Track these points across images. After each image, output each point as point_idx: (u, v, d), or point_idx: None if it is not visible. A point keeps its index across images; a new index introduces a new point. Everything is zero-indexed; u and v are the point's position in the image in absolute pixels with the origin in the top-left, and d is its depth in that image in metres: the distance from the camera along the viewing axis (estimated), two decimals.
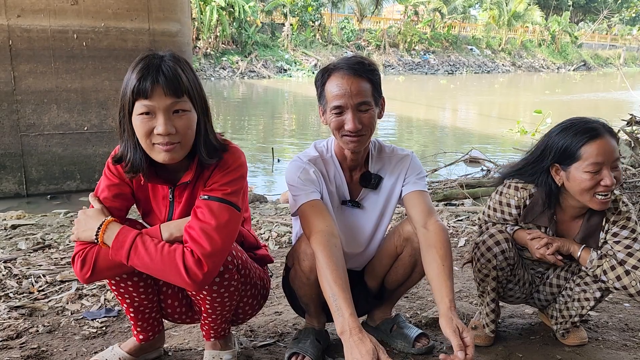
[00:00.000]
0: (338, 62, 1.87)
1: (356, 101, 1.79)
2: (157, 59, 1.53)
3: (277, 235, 4.16)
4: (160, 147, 1.54)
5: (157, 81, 1.49)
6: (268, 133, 14.57)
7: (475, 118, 17.90)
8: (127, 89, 1.51)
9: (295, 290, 2.03)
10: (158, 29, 8.00)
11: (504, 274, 2.07)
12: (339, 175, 1.98)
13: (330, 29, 34.01)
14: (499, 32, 41.35)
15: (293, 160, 1.96)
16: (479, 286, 2.15)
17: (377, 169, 2.00)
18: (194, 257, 1.55)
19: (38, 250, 3.76)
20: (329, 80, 1.84)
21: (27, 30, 7.22)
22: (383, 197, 2.01)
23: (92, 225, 1.61)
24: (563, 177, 1.93)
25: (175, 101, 1.52)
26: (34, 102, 7.43)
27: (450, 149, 10.36)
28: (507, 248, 2.03)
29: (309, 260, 1.86)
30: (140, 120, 1.52)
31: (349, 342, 1.52)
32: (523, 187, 2.03)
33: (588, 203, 1.89)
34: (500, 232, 2.05)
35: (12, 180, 7.56)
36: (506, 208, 2.06)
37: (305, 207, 1.83)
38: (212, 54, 28.31)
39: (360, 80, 1.80)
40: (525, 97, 22.40)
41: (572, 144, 1.88)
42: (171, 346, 2.17)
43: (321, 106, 1.91)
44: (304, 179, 1.88)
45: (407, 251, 1.99)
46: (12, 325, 2.42)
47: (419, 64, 35.63)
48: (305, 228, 1.82)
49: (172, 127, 1.52)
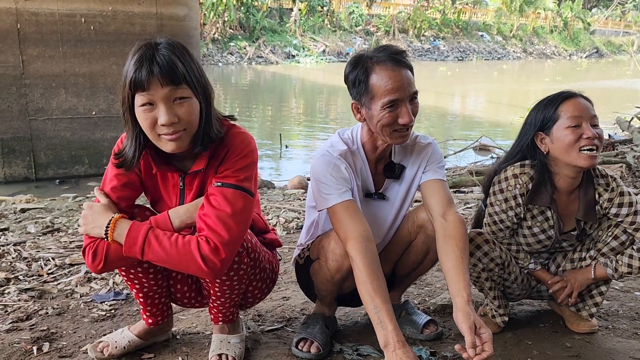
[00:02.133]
0: (375, 54, 1.77)
1: (410, 92, 1.74)
2: (152, 48, 1.49)
3: (285, 221, 4.15)
4: (166, 138, 1.52)
5: (152, 72, 1.46)
6: (276, 119, 14.52)
7: (485, 105, 17.76)
8: (126, 82, 1.49)
9: (316, 282, 2.01)
10: (166, 13, 7.96)
11: (494, 274, 2.06)
12: (364, 167, 1.93)
13: (339, 14, 33.71)
14: (510, 18, 40.80)
15: (322, 155, 1.87)
16: (476, 285, 2.14)
17: (400, 159, 1.96)
18: (210, 246, 1.53)
19: (47, 234, 3.78)
20: (373, 74, 1.73)
21: (36, 13, 7.20)
22: (405, 187, 1.98)
23: (100, 222, 1.59)
24: (548, 143, 1.94)
25: (173, 89, 1.49)
26: (42, 87, 7.44)
27: (460, 136, 10.29)
28: (489, 249, 2.01)
29: (337, 261, 1.84)
30: (142, 112, 1.50)
31: (392, 356, 1.54)
32: (521, 172, 1.99)
33: (576, 161, 1.88)
34: (479, 235, 2.02)
35: (21, 165, 7.60)
36: (512, 202, 2.00)
37: (339, 208, 1.76)
38: (219, 39, 28.17)
39: (407, 70, 1.75)
40: (535, 85, 22.14)
41: (548, 109, 1.94)
42: (179, 330, 2.18)
43: (359, 103, 1.80)
44: (337, 177, 1.80)
45: (420, 238, 1.97)
46: (22, 307, 2.44)
47: (428, 50, 35.29)
48: (339, 230, 1.76)
49: (175, 116, 1.50)
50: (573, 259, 2.15)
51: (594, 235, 2.09)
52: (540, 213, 2.03)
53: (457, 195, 5.06)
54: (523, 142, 2.02)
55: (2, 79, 7.21)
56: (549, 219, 2.03)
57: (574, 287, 2.08)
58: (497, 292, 2.13)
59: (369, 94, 1.75)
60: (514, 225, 2.06)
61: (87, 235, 1.63)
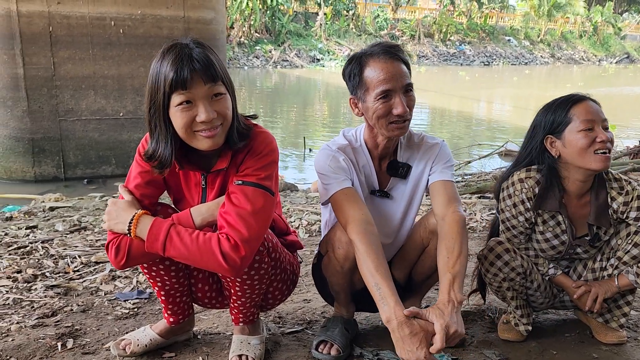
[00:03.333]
0: (369, 49, 1.82)
1: (403, 83, 1.76)
2: (186, 47, 1.51)
3: (307, 223, 4.15)
4: (203, 134, 1.54)
5: (194, 69, 1.47)
6: (300, 122, 14.58)
7: (512, 110, 17.53)
8: (162, 83, 1.49)
9: (327, 277, 2.01)
10: (193, 16, 8.07)
11: (515, 283, 2.02)
12: (368, 164, 1.95)
13: (364, 18, 33.72)
14: (538, 23, 40.25)
15: (322, 149, 1.92)
16: (497, 295, 2.10)
17: (406, 158, 1.96)
18: (231, 243, 1.55)
19: (74, 232, 3.86)
20: (367, 67, 1.78)
21: (67, 16, 7.38)
22: (411, 186, 1.98)
23: (123, 218, 1.62)
24: (559, 146, 1.91)
25: (212, 86, 1.52)
26: (72, 88, 7.61)
27: (485, 141, 10.17)
28: (510, 259, 1.98)
29: (343, 248, 1.84)
30: (179, 111, 1.51)
31: (397, 332, 1.53)
32: (527, 176, 1.95)
33: (589, 164, 1.85)
34: (499, 244, 1.99)
35: (50, 164, 7.78)
36: (521, 207, 1.97)
37: (339, 195, 1.80)
38: (245, 42, 28.44)
39: (400, 63, 1.78)
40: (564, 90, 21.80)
41: (559, 112, 1.90)
42: (200, 330, 2.19)
43: (355, 97, 1.84)
44: (335, 167, 1.84)
45: (434, 244, 1.94)
46: (47, 304, 2.48)
47: (454, 55, 35.04)
48: (340, 217, 1.79)
49: (214, 112, 1.52)
50: (594, 268, 2.09)
51: (613, 243, 2.04)
52: (551, 218, 1.99)
53: (481, 201, 5.00)
54: (532, 146, 1.99)
55: (34, 80, 7.40)
56: (560, 223, 1.99)
57: (599, 291, 2.01)
58: (520, 301, 2.09)
59: (363, 87, 1.79)
60: (527, 230, 2.03)
61: (111, 231, 1.65)
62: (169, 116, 1.53)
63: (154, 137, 1.59)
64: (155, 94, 1.51)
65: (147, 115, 1.57)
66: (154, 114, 1.54)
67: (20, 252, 3.27)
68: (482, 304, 2.42)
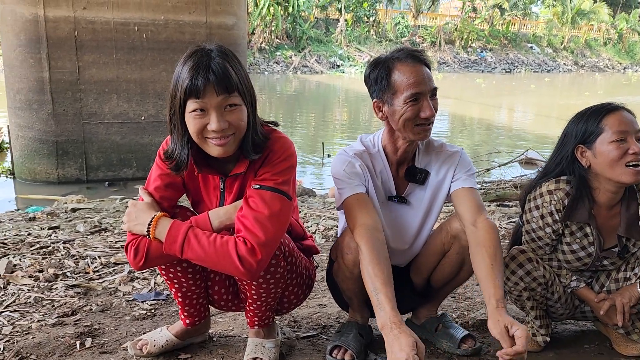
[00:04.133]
0: (395, 53, 1.83)
1: (431, 87, 1.78)
2: (206, 56, 1.52)
3: (324, 228, 4.16)
4: (213, 142, 1.56)
5: (208, 80, 1.49)
6: (319, 128, 14.62)
7: (533, 118, 17.33)
8: (179, 88, 1.52)
9: (339, 283, 2.01)
10: (215, 22, 8.16)
11: (536, 294, 1.99)
12: (385, 170, 1.94)
13: (385, 24, 33.72)
14: (562, 30, 39.78)
15: (339, 154, 1.93)
16: (516, 304, 2.08)
17: (424, 164, 1.95)
18: (247, 246, 1.56)
19: (95, 233, 3.92)
20: (395, 70, 1.79)
21: (92, 22, 7.52)
22: (429, 193, 1.97)
23: (143, 219, 1.64)
24: (589, 157, 1.87)
25: (225, 97, 1.53)
26: (96, 92, 7.74)
27: (505, 149, 10.07)
28: (531, 268, 1.95)
29: (352, 254, 1.84)
30: (192, 118, 1.54)
31: (389, 336, 1.52)
32: (556, 187, 1.92)
33: (620, 177, 1.81)
34: (521, 253, 1.96)
35: (73, 166, 7.91)
36: (549, 218, 1.93)
37: (350, 201, 1.81)
38: (266, 48, 28.65)
39: (425, 67, 1.80)
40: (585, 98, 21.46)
41: (591, 121, 1.86)
42: (216, 332, 2.21)
43: (380, 100, 1.84)
44: (350, 172, 1.85)
45: (455, 249, 1.94)
46: (67, 303, 2.53)
47: (475, 62, 34.81)
48: (350, 221, 1.80)
49: (225, 122, 1.54)
50: (617, 278, 2.05)
51: (638, 253, 2.00)
52: (579, 229, 1.96)
53: (500, 209, 4.95)
54: (562, 156, 1.95)
55: (59, 84, 7.56)
56: (588, 235, 1.95)
57: (623, 302, 1.96)
58: (539, 312, 2.06)
59: (391, 90, 1.80)
60: (553, 242, 2.00)
61: (130, 232, 1.68)
62: (185, 120, 1.57)
63: (173, 138, 1.63)
64: (174, 97, 1.55)
65: (168, 116, 1.61)
66: (173, 116, 1.58)
67: (42, 252, 3.33)
68: None
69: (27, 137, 7.76)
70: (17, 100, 7.68)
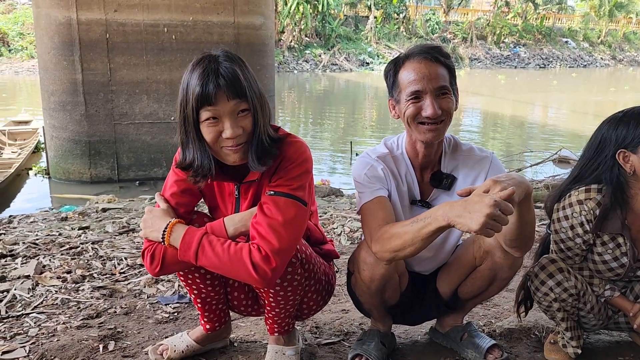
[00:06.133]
0: (410, 50, 1.78)
1: (435, 85, 1.70)
2: (214, 62, 1.50)
3: (350, 230, 4.11)
4: (230, 150, 1.54)
5: (219, 85, 1.47)
6: (348, 127, 14.55)
7: (568, 115, 16.88)
8: (190, 97, 1.49)
9: (357, 297, 1.96)
10: (242, 22, 8.20)
11: (567, 305, 1.90)
12: (410, 174, 1.88)
13: (415, 21, 33.34)
14: (599, 24, 38.57)
15: (361, 157, 1.87)
16: (547, 314, 1.99)
17: (451, 169, 1.87)
18: (261, 254, 1.54)
19: (123, 234, 3.97)
20: (402, 68, 1.75)
21: (123, 24, 7.65)
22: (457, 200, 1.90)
23: (158, 226, 1.63)
24: (634, 161, 1.78)
25: (237, 102, 1.50)
26: (127, 93, 7.88)
27: (538, 147, 9.82)
28: (562, 279, 1.86)
29: (369, 270, 1.79)
30: (207, 127, 1.51)
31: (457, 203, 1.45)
32: (587, 197, 1.83)
33: None
34: (552, 262, 1.88)
35: (105, 166, 8.07)
36: (579, 229, 1.85)
37: (369, 205, 1.75)
38: (295, 47, 28.68)
39: (437, 65, 1.72)
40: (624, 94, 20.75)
41: (633, 124, 1.78)
42: (237, 337, 2.19)
43: (392, 99, 1.80)
44: (371, 176, 1.79)
45: (487, 264, 1.85)
46: (93, 305, 2.56)
47: (508, 57, 34.08)
48: (366, 226, 1.74)
49: (240, 129, 1.52)
50: None
51: None
52: (611, 239, 1.86)
53: None
54: (599, 161, 1.85)
55: (92, 85, 7.71)
56: (621, 245, 1.86)
57: None
58: (571, 323, 1.96)
59: (398, 88, 1.76)
60: (584, 253, 1.91)
61: (147, 238, 1.68)
62: (200, 129, 1.53)
63: (189, 147, 1.57)
64: (186, 106, 1.52)
65: (179, 127, 1.57)
66: (187, 126, 1.54)
67: (71, 253, 3.39)
68: (526, 322, 2.30)
69: (61, 137, 7.95)
70: (51, 101, 7.88)
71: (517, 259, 1.80)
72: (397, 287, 1.90)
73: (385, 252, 1.63)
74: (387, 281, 1.82)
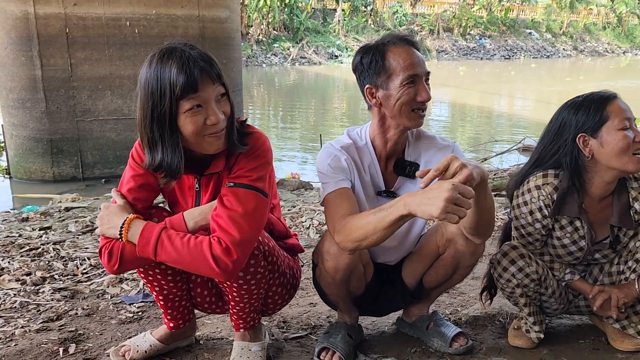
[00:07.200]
0: (386, 38, 1.78)
1: (425, 70, 1.74)
2: (183, 51, 1.45)
3: (319, 223, 4.10)
4: (213, 137, 1.50)
5: (204, 70, 1.44)
6: (318, 120, 14.53)
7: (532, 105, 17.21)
8: (167, 90, 1.42)
9: (323, 288, 1.95)
10: (208, 15, 8.07)
11: (529, 290, 1.94)
12: (373, 164, 1.87)
13: (383, 14, 33.45)
14: (560, 15, 39.39)
15: (324, 147, 1.86)
16: (510, 300, 2.03)
17: (414, 157, 1.88)
18: (222, 246, 1.51)
19: (86, 233, 3.87)
20: (389, 53, 1.72)
21: (83, 18, 7.44)
22: (419, 188, 1.90)
23: (115, 222, 1.59)
24: (593, 146, 1.81)
25: (219, 86, 1.49)
26: (89, 89, 7.67)
27: (505, 137, 9.99)
28: (524, 265, 1.89)
29: (332, 260, 1.77)
30: (190, 117, 1.45)
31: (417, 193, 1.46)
32: (544, 182, 1.86)
33: (626, 165, 1.77)
34: (513, 249, 1.91)
35: (69, 164, 7.86)
36: (538, 214, 1.88)
37: (332, 195, 1.73)
38: (263, 40, 28.43)
39: (418, 52, 1.75)
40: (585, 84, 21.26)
41: (593, 109, 1.81)
42: (203, 335, 2.16)
43: (373, 85, 1.76)
44: (334, 166, 1.77)
45: (450, 252, 1.87)
46: (53, 307, 2.48)
47: (474, 49, 34.51)
48: (329, 217, 1.73)
49: (222, 113, 1.49)
50: (611, 272, 2.00)
51: (631, 246, 1.95)
52: (569, 223, 1.90)
53: (497, 199, 4.88)
54: (559, 145, 1.88)
55: (52, 81, 7.49)
56: (578, 229, 1.90)
57: (619, 296, 1.92)
58: (533, 308, 2.00)
59: (386, 73, 1.73)
60: (543, 237, 1.94)
61: (104, 235, 1.63)
62: (177, 124, 1.47)
63: (158, 147, 1.50)
64: (159, 102, 1.44)
65: (143, 127, 1.49)
66: (157, 124, 1.47)
67: (31, 254, 3.29)
68: (491, 309, 2.34)
69: (22, 136, 7.70)
70: (10, 99, 7.62)
71: (479, 246, 1.82)
72: (362, 277, 1.89)
73: (348, 241, 1.62)
74: (352, 271, 1.81)
